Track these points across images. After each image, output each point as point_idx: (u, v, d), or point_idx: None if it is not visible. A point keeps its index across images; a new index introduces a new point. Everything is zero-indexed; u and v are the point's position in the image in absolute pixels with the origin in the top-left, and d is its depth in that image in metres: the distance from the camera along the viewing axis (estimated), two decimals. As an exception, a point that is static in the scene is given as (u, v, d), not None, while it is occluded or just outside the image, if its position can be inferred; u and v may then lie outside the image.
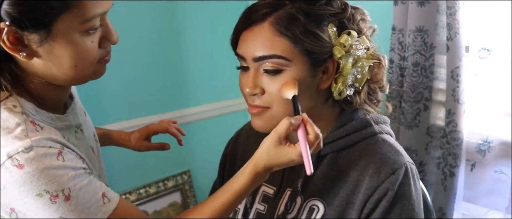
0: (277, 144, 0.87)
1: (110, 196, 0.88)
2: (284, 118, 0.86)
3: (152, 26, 2.15)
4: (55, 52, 0.82)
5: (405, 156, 0.98)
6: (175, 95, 2.31)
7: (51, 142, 0.83)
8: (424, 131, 1.90)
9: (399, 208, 0.93)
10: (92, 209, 0.84)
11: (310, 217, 0.97)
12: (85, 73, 0.88)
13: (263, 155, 0.88)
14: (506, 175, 1.79)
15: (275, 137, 0.87)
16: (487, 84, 1.74)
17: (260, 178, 0.90)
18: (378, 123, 1.02)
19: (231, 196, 0.90)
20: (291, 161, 0.87)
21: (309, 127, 0.86)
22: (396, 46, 1.84)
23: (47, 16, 0.79)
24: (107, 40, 0.90)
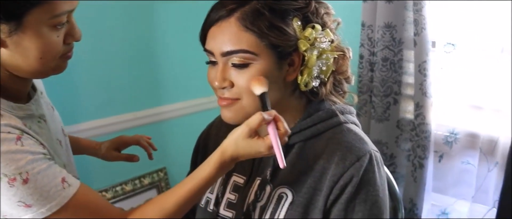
0: (247, 136, 0.90)
1: (70, 181, 0.89)
2: (257, 113, 0.89)
3: (126, 24, 2.16)
4: (22, 43, 0.85)
5: (369, 144, 1.02)
6: (150, 93, 2.32)
7: (10, 128, 0.85)
8: (394, 124, 1.95)
9: (364, 193, 0.97)
10: (51, 193, 0.85)
11: (279, 204, 1.00)
12: (48, 66, 0.91)
13: (231, 145, 0.91)
14: (472, 166, 1.86)
15: (246, 129, 0.90)
16: (453, 77, 1.80)
17: (226, 167, 0.93)
18: (344, 113, 1.05)
19: (197, 184, 0.92)
20: (259, 153, 0.90)
21: (280, 123, 0.90)
22: (365, 41, 1.89)
23: (20, 9, 0.82)
24: (71, 36, 0.94)
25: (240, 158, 0.92)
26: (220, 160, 0.91)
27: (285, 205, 1.00)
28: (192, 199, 0.93)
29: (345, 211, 0.97)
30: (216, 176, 0.93)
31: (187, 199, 0.93)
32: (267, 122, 0.89)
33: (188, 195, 0.93)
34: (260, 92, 0.93)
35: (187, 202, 0.93)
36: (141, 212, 0.94)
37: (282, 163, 0.86)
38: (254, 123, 0.89)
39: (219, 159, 0.91)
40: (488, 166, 1.80)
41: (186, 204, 0.93)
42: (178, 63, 2.36)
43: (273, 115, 0.90)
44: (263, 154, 0.90)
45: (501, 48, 1.69)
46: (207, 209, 1.13)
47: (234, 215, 1.07)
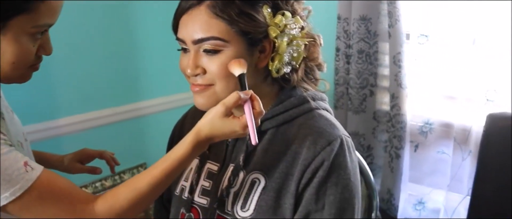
0: (223, 115, 0.91)
1: (33, 165, 0.88)
2: (233, 92, 0.90)
3: (105, 20, 2.15)
4: (0, 46, 0.86)
5: (340, 129, 1.04)
6: (129, 88, 2.32)
7: None
8: (370, 116, 1.98)
9: (335, 177, 0.99)
10: (14, 176, 0.84)
11: (252, 190, 1.02)
12: (17, 73, 0.92)
13: (206, 124, 0.92)
14: (447, 155, 1.90)
15: (222, 109, 0.91)
16: (426, 68, 1.84)
17: (201, 147, 0.94)
18: (315, 100, 1.07)
19: (172, 164, 0.92)
20: (233, 132, 0.91)
21: (256, 102, 0.91)
22: (341, 34, 1.92)
23: (7, 12, 0.84)
24: (44, 49, 0.95)
25: (215, 139, 0.92)
26: (195, 140, 0.92)
27: (258, 190, 1.02)
28: (167, 180, 0.93)
29: (317, 195, 0.98)
30: (190, 156, 0.93)
31: (161, 179, 0.92)
32: (243, 101, 0.90)
33: (162, 176, 0.92)
34: (238, 73, 0.94)
35: (161, 183, 0.93)
36: (114, 193, 0.93)
37: (255, 140, 0.88)
38: (230, 102, 0.90)
39: (194, 139, 0.92)
40: (462, 155, 1.84)
41: (160, 184, 0.93)
42: (157, 58, 2.36)
43: (250, 94, 0.91)
44: (237, 134, 0.91)
45: (473, 40, 1.73)
46: (182, 196, 1.14)
47: (208, 202, 1.08)
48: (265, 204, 1.00)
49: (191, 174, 1.13)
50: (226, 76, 0.96)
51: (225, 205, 1.04)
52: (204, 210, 1.09)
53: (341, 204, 1.00)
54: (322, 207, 0.99)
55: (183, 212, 1.12)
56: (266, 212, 1.00)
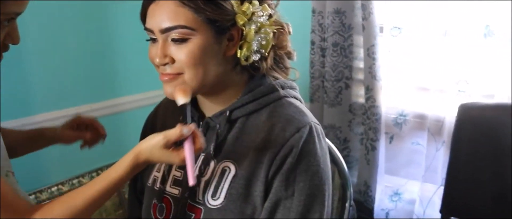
0: (163, 147, 0.92)
1: None
2: (177, 126, 0.91)
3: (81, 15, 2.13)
4: None
5: (310, 116, 1.05)
6: (107, 84, 2.30)
7: None
8: (346, 108, 2.00)
9: (305, 164, 0.99)
10: None
11: (222, 178, 1.02)
12: None
13: (146, 150, 0.93)
14: (421, 146, 1.92)
15: (163, 141, 0.91)
16: (400, 60, 1.86)
17: (138, 169, 0.95)
18: (285, 88, 1.08)
19: (108, 185, 0.92)
20: (171, 162, 0.94)
21: (197, 139, 0.92)
22: (316, 28, 1.93)
23: None
24: (11, 38, 0.93)
25: (154, 163, 0.94)
26: (133, 163, 0.93)
27: (228, 179, 1.02)
28: (102, 199, 0.94)
29: (287, 182, 0.99)
30: (127, 178, 0.94)
31: (96, 199, 0.92)
32: (185, 137, 0.91)
33: (97, 195, 0.92)
34: (182, 102, 0.94)
35: (96, 202, 0.93)
36: (48, 210, 0.92)
37: (192, 180, 0.88)
38: (171, 136, 0.91)
39: (133, 162, 0.93)
40: (436, 145, 1.87)
41: (95, 203, 0.93)
42: (134, 54, 2.35)
43: (192, 130, 0.92)
44: (175, 164, 0.94)
45: (445, 31, 1.75)
46: (154, 187, 1.13)
47: (180, 192, 1.08)
48: (236, 192, 1.01)
49: (163, 164, 1.13)
50: (194, 64, 0.97)
51: (196, 194, 1.04)
52: (175, 200, 1.09)
53: (311, 190, 1.00)
54: (292, 194, 1.00)
55: (155, 203, 1.12)
56: (237, 200, 1.01)
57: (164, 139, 0.91)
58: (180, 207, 1.07)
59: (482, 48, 1.70)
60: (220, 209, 1.01)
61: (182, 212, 1.06)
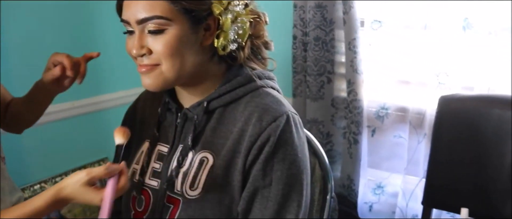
0: (86, 184, 0.92)
1: None
2: (105, 165, 0.91)
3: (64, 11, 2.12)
4: None
5: (287, 106, 1.05)
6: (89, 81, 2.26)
7: None
8: (328, 103, 2.00)
9: (282, 153, 1.00)
10: None
11: (200, 168, 1.02)
12: None
13: (69, 186, 0.92)
14: (403, 139, 1.93)
15: (86, 178, 0.91)
16: (381, 54, 1.87)
17: (59, 205, 0.94)
18: (262, 78, 1.08)
19: (26, 214, 0.92)
20: (91, 202, 0.93)
21: (123, 177, 0.93)
22: (298, 22, 1.93)
23: None
24: None
25: (75, 201, 0.93)
26: (55, 198, 0.92)
27: (206, 169, 1.02)
28: None
29: (264, 171, 0.99)
30: (46, 211, 0.93)
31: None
32: (110, 176, 0.91)
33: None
34: (117, 142, 0.95)
35: None
36: None
37: (105, 215, 0.88)
38: (96, 173, 0.91)
39: (54, 196, 0.92)
40: (418, 138, 1.88)
41: None
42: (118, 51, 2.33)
43: (119, 170, 0.92)
44: (95, 204, 0.92)
45: (424, 25, 1.77)
46: (133, 180, 1.13)
47: (159, 184, 1.08)
48: (214, 182, 1.01)
49: (142, 157, 1.13)
50: (171, 55, 0.97)
51: (175, 186, 1.04)
52: (154, 192, 1.09)
53: (289, 180, 1.01)
54: (270, 183, 1.00)
55: (134, 195, 1.12)
56: (215, 190, 1.01)
57: (87, 176, 0.91)
58: (159, 199, 1.07)
59: (461, 41, 1.72)
60: (198, 199, 1.01)
61: (161, 204, 1.06)
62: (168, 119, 1.12)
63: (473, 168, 1.63)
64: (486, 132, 1.60)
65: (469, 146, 1.64)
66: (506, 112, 1.58)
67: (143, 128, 1.19)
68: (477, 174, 1.63)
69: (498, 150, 1.58)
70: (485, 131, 1.60)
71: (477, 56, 1.71)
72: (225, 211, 1.02)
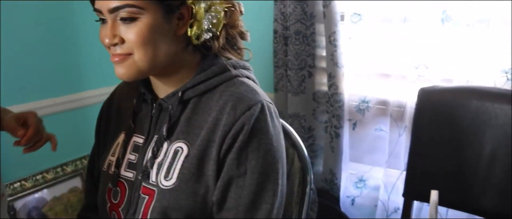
0: None
1: None
2: None
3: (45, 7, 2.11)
4: None
5: (262, 95, 1.05)
6: (71, 77, 2.28)
7: None
8: (310, 97, 2.01)
9: (257, 142, 0.99)
10: None
11: (175, 159, 1.02)
12: None
13: None
14: (384, 132, 1.94)
15: None
16: (361, 47, 1.88)
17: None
18: (237, 68, 1.08)
19: None
20: None
21: None
22: (278, 16, 1.93)
23: None
24: None
25: None
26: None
27: (181, 159, 1.02)
28: None
29: (238, 160, 0.99)
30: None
31: None
32: None
33: None
34: None
35: None
36: None
37: None
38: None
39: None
40: (399, 131, 1.89)
41: None
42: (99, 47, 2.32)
43: None
44: None
45: (404, 18, 1.77)
46: (109, 172, 1.13)
47: (134, 175, 1.08)
48: (188, 172, 1.00)
49: (118, 148, 1.13)
50: (144, 44, 0.96)
51: (150, 176, 1.04)
52: (130, 184, 1.08)
53: (264, 169, 1.01)
54: (244, 172, 1.00)
55: (109, 187, 1.11)
56: (189, 180, 1.01)
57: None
58: (134, 190, 1.06)
59: (440, 34, 1.73)
60: (173, 189, 1.01)
61: (136, 195, 1.06)
62: (143, 110, 1.12)
63: (453, 159, 1.64)
64: (465, 123, 1.61)
65: (449, 137, 1.65)
66: (484, 103, 1.59)
67: (119, 120, 1.18)
68: (457, 165, 1.64)
69: (477, 140, 1.60)
70: (464, 123, 1.61)
71: (456, 48, 1.72)
72: (200, 201, 1.02)
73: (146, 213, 1.04)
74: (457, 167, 1.63)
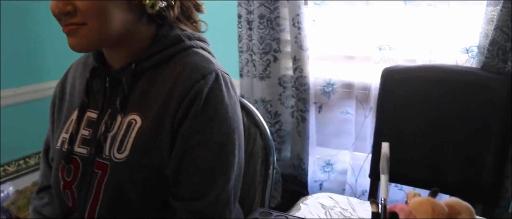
0: None
1: None
2: None
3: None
4: None
5: (217, 65, 1.03)
6: (31, 67, 2.23)
7: None
8: (276, 81, 1.99)
9: (212, 111, 0.97)
10: None
11: (128, 131, 0.99)
12: None
13: None
14: (350, 115, 1.94)
15: None
16: (325, 29, 1.87)
17: None
18: (192, 39, 1.06)
19: None
20: None
21: None
22: (242, 0, 1.91)
23: None
24: None
25: None
26: None
27: (134, 131, 0.99)
28: None
29: (193, 130, 0.97)
30: None
31: None
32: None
33: None
34: None
35: None
36: None
37: None
38: None
39: None
40: (364, 113, 1.89)
41: None
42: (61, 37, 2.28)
43: None
44: None
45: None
46: (62, 149, 1.09)
47: (88, 151, 1.04)
48: (141, 144, 0.98)
49: (72, 125, 1.09)
50: (97, 13, 0.93)
51: (103, 151, 1.01)
52: (83, 160, 1.05)
53: (220, 139, 0.99)
54: (199, 143, 0.97)
55: (62, 165, 1.08)
56: (143, 152, 0.98)
57: None
58: (88, 166, 1.03)
59: (403, 14, 1.73)
60: (126, 162, 0.98)
61: (89, 171, 1.02)
62: (97, 84, 1.09)
63: (418, 137, 1.65)
64: (429, 101, 1.62)
65: (413, 116, 1.65)
66: (446, 80, 1.60)
67: (73, 97, 1.15)
68: (422, 144, 1.64)
69: (440, 118, 1.60)
70: (429, 100, 1.62)
71: (418, 28, 1.73)
72: (155, 174, 0.99)
73: (99, 188, 1.01)
74: (423, 146, 1.64)
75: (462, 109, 1.57)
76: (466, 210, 0.62)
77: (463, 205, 0.62)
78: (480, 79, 1.57)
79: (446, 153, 1.60)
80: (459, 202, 0.62)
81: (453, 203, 0.63)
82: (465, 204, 0.62)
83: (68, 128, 1.10)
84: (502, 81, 1.53)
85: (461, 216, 0.62)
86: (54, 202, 1.15)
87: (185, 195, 0.99)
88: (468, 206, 0.62)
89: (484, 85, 1.55)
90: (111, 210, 1.01)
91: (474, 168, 1.56)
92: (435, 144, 1.62)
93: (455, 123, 1.58)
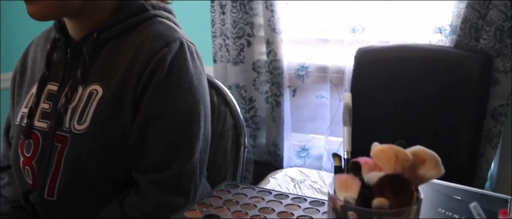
0: None
1: None
2: None
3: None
4: None
5: (182, 34, 1.00)
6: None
7: None
8: (249, 67, 1.96)
9: (176, 80, 0.94)
10: None
11: (89, 101, 0.95)
12: None
13: None
14: (325, 99, 1.92)
15: None
16: (298, 12, 1.85)
17: None
18: (157, 9, 1.03)
19: None
20: None
21: None
22: (215, -16, 1.89)
23: None
24: None
25: None
26: None
27: (95, 101, 0.95)
28: None
29: (156, 98, 0.93)
30: None
31: None
32: None
33: None
34: None
35: None
36: None
37: None
38: None
39: None
40: (339, 96, 1.87)
41: None
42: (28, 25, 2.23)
43: None
44: None
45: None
46: (21, 124, 1.04)
47: (48, 125, 1.00)
48: (102, 114, 0.94)
49: (32, 99, 1.05)
50: None
51: (63, 123, 0.97)
52: (43, 134, 1.00)
53: (184, 108, 0.95)
54: (163, 112, 0.94)
55: (22, 140, 1.03)
56: (105, 123, 0.94)
57: None
58: (48, 140, 0.99)
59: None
60: (86, 133, 0.94)
61: (49, 145, 0.98)
62: (58, 56, 1.04)
63: (392, 117, 1.64)
64: (402, 80, 1.61)
65: (387, 95, 1.64)
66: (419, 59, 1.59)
67: (34, 71, 1.11)
68: (396, 123, 1.63)
69: (414, 98, 1.59)
70: (402, 79, 1.61)
71: (391, 9, 1.72)
72: (117, 146, 0.95)
73: (59, 162, 0.97)
74: (397, 125, 1.63)
75: (436, 88, 1.56)
76: (431, 157, 0.60)
77: (429, 153, 0.60)
78: (453, 58, 1.56)
79: (421, 132, 1.59)
80: (425, 150, 0.60)
81: (418, 151, 0.61)
82: (431, 152, 0.60)
83: (28, 102, 1.06)
84: (475, 59, 1.52)
85: (426, 164, 0.60)
86: (14, 182, 1.11)
87: (148, 166, 0.96)
88: (434, 154, 0.60)
89: (458, 64, 1.54)
90: (72, 185, 0.97)
91: (449, 147, 1.55)
92: (410, 124, 1.61)
93: (429, 102, 1.57)
